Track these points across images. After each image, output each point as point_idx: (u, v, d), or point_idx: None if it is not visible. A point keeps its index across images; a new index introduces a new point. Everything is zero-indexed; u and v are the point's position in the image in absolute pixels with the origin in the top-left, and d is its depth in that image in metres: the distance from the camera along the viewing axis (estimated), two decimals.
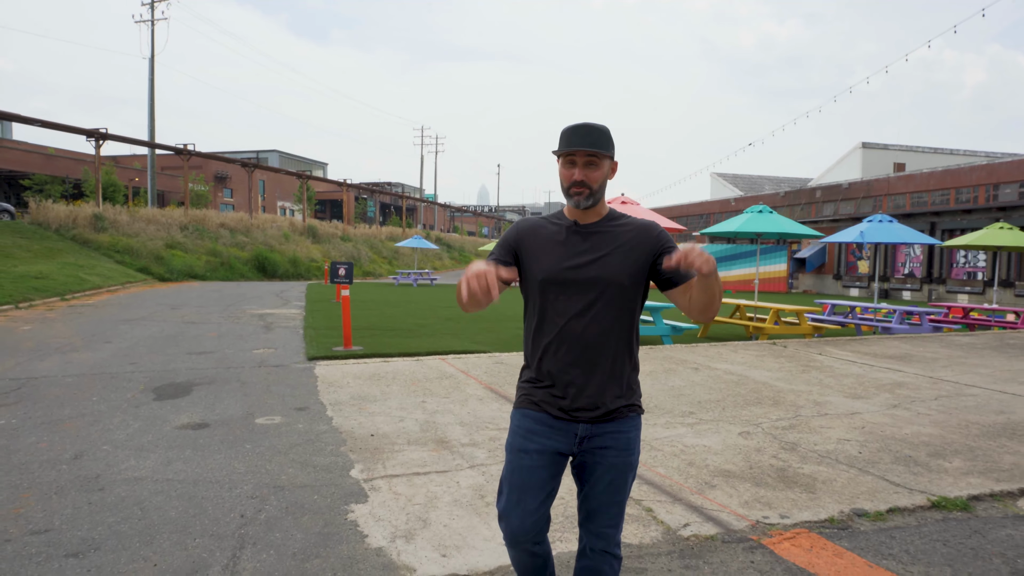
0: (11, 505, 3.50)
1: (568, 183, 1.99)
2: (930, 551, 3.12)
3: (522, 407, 2.09)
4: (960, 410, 5.87)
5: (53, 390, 6.24)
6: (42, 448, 4.49)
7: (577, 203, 1.99)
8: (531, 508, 1.99)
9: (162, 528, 3.25)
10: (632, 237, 2.02)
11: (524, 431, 2.05)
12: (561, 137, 2.00)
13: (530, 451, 2.02)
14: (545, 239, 2.06)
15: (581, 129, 1.96)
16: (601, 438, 2.01)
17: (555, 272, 2.00)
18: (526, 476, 2.01)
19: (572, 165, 1.98)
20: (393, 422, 5.28)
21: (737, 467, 4.27)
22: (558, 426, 2.02)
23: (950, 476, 4.14)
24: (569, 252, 2.01)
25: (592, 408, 2.00)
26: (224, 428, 5.05)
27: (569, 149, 1.96)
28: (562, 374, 2.00)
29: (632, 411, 2.07)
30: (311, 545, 3.09)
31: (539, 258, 2.03)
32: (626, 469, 2.05)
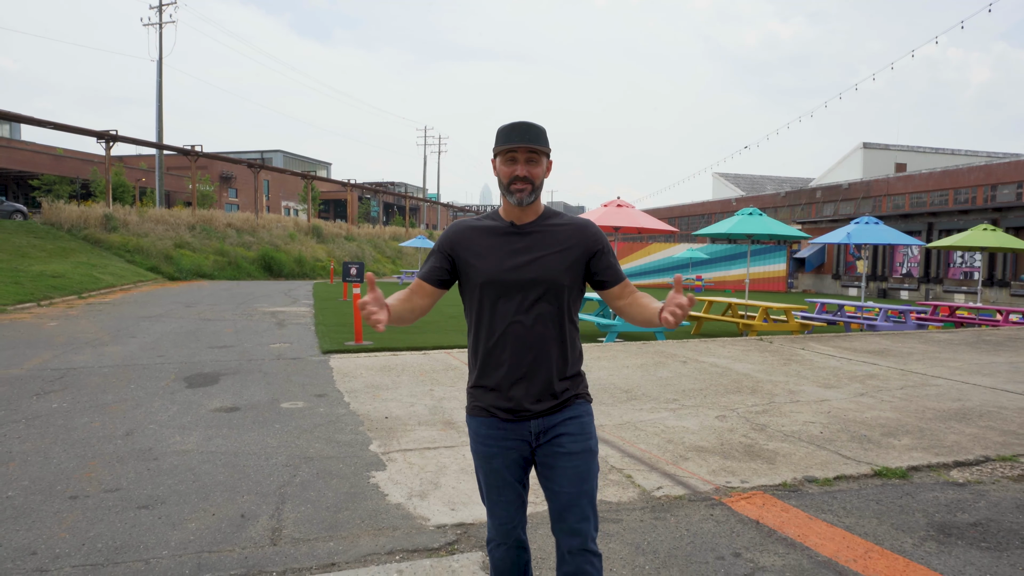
0: (82, 470, 4.09)
1: (509, 179, 2.00)
2: (863, 508, 3.69)
3: (473, 414, 2.11)
4: (921, 398, 6.44)
5: (93, 379, 6.83)
6: (96, 427, 5.07)
7: (520, 199, 2.01)
8: (509, 499, 2.09)
9: (213, 488, 3.83)
10: (568, 236, 2.06)
11: (481, 438, 2.08)
12: (499, 135, 2.03)
13: (492, 455, 2.06)
14: (482, 241, 2.06)
15: (521, 126, 2.00)
16: (555, 428, 2.05)
17: (495, 274, 2.01)
18: (497, 477, 2.08)
19: (513, 162, 2.00)
20: (404, 407, 5.86)
21: (710, 444, 4.84)
22: (510, 427, 2.05)
23: (896, 451, 4.71)
24: (508, 253, 2.02)
25: (538, 403, 2.03)
26: (254, 411, 5.63)
27: (510, 145, 1.99)
28: (507, 377, 2.02)
29: (579, 398, 2.10)
30: (341, 501, 3.67)
31: (478, 261, 2.04)
32: (587, 455, 2.05)
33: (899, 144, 56.19)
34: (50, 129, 28.77)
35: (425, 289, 2.08)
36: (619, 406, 5.91)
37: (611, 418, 5.44)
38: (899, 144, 56.19)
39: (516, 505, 2.10)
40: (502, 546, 2.12)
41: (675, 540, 3.24)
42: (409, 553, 3.08)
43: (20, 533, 3.21)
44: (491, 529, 2.14)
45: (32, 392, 6.19)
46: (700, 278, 38.10)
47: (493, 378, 2.04)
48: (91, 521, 3.35)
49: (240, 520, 3.40)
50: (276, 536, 3.22)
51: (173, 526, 3.31)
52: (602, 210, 11.17)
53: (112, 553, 3.01)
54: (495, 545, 2.13)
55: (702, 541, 3.23)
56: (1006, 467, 4.42)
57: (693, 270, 39.25)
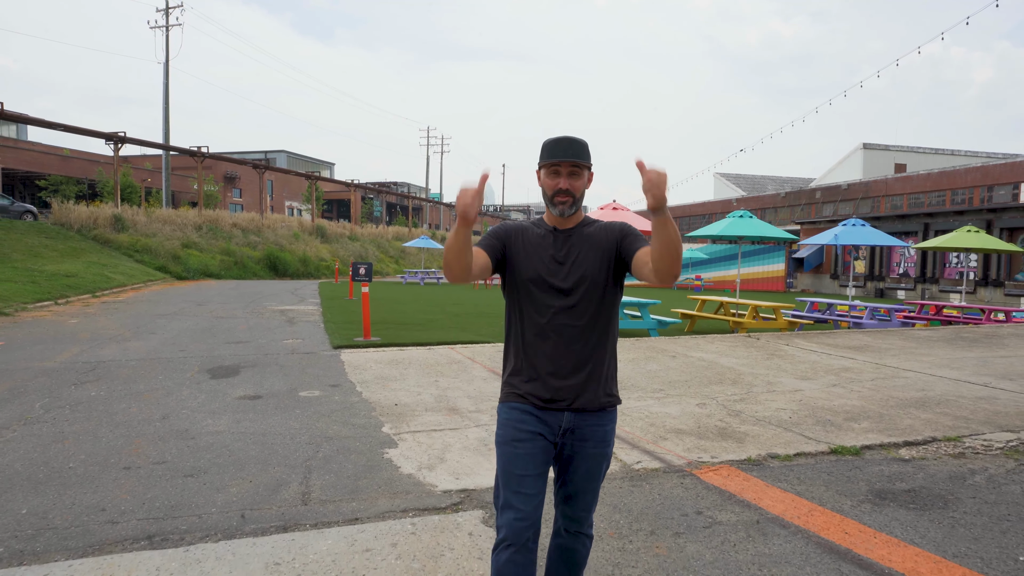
0: (130, 447, 4.64)
1: (553, 191, 2.14)
2: (815, 478, 4.23)
3: (508, 400, 2.20)
4: (888, 388, 6.97)
5: (123, 371, 7.38)
6: (134, 411, 5.62)
7: (562, 211, 2.15)
8: (531, 492, 2.09)
9: (247, 461, 4.38)
10: (602, 235, 2.18)
11: (514, 421, 2.15)
12: (544, 149, 2.14)
13: (521, 439, 2.12)
14: (530, 241, 2.18)
15: (564, 142, 2.11)
16: (582, 430, 2.15)
17: (540, 272, 2.14)
18: (521, 464, 2.11)
19: (557, 175, 2.13)
20: (412, 396, 6.40)
21: (688, 427, 5.38)
22: (543, 416, 2.14)
23: (854, 433, 5.24)
24: (552, 254, 2.15)
25: (575, 399, 2.13)
26: (275, 399, 6.18)
27: (554, 160, 2.11)
28: (546, 368, 2.12)
29: (611, 404, 2.21)
30: (360, 472, 4.22)
31: (525, 258, 2.16)
32: (601, 459, 2.20)
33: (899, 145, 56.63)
34: (60, 131, 29.35)
35: (480, 254, 2.15)
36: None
37: None
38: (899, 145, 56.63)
39: (535, 503, 2.09)
40: (510, 547, 2.07)
41: (648, 502, 3.78)
42: (420, 511, 3.62)
43: (88, 495, 3.75)
44: (502, 528, 2.10)
45: (70, 382, 6.74)
46: (699, 278, 38.63)
47: (535, 368, 2.13)
48: (146, 486, 3.90)
49: (274, 486, 3.94)
50: (306, 498, 3.77)
51: (217, 490, 3.86)
52: (599, 212, 11.72)
53: (168, 510, 3.56)
54: (503, 547, 2.08)
55: (671, 503, 3.77)
56: (949, 446, 4.95)
57: (693, 270, 39.78)
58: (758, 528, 3.44)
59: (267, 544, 3.17)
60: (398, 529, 3.38)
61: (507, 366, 2.24)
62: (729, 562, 3.06)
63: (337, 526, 3.40)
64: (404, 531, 3.35)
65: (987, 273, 32.92)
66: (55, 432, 4.98)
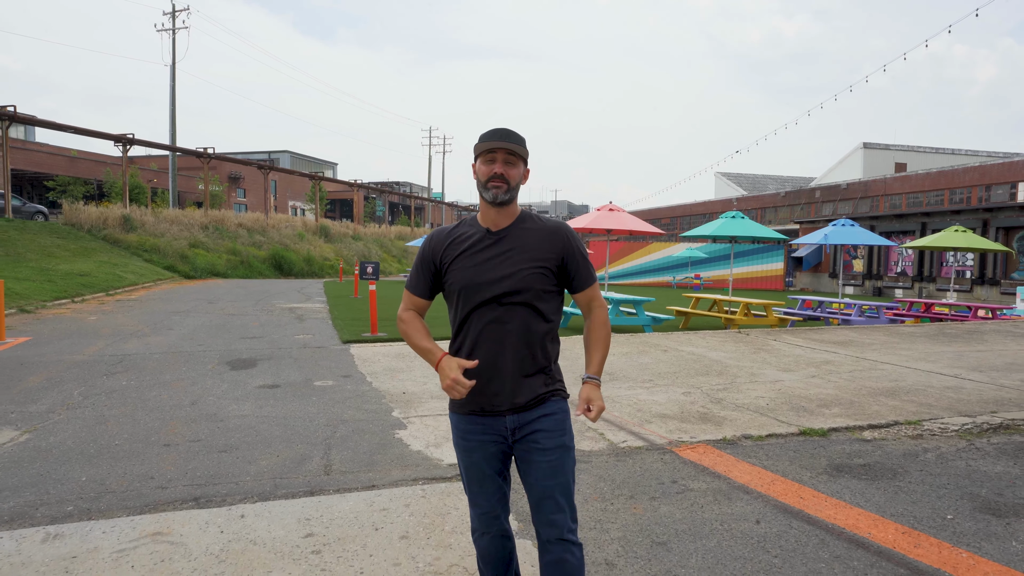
0: (166, 428, 5.15)
1: (487, 177, 2.13)
2: (781, 455, 4.72)
3: (453, 411, 2.24)
4: (863, 379, 7.45)
5: (148, 363, 7.89)
6: (165, 398, 6.13)
7: (495, 196, 2.12)
8: (491, 490, 2.22)
9: (272, 440, 4.88)
10: (541, 240, 2.17)
11: (461, 432, 2.21)
12: (481, 139, 2.16)
13: (471, 449, 2.19)
14: (461, 248, 2.17)
15: (500, 131, 2.14)
16: (530, 424, 2.15)
17: (472, 280, 2.12)
18: (476, 470, 2.20)
19: (492, 162, 2.13)
20: (418, 385, 6.90)
21: (672, 412, 5.87)
22: (487, 423, 2.16)
23: (824, 417, 5.73)
24: (485, 260, 2.14)
25: (514, 399, 2.14)
26: (292, 388, 6.68)
27: (490, 144, 2.12)
28: (482, 375, 2.12)
29: (555, 395, 2.20)
30: (374, 448, 4.72)
31: (457, 268, 2.16)
32: (562, 452, 2.15)
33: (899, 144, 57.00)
34: (71, 133, 29.89)
35: (422, 305, 2.30)
36: (602, 385, 6.93)
37: None
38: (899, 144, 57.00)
39: (497, 497, 2.22)
40: (486, 535, 2.24)
41: (629, 473, 4.28)
42: (429, 480, 4.12)
43: (136, 466, 4.26)
44: (474, 519, 2.24)
45: (101, 373, 7.25)
46: (698, 276, 39.10)
47: (471, 378, 2.11)
48: (186, 459, 4.41)
49: (298, 459, 4.44)
50: (328, 469, 4.27)
51: (249, 463, 4.36)
52: (595, 214, 12.21)
53: (209, 478, 4.06)
54: (480, 535, 2.25)
55: (650, 474, 4.27)
56: (909, 429, 5.44)
57: (692, 268, 40.25)
58: (724, 494, 3.93)
59: (298, 504, 3.68)
60: (410, 494, 3.88)
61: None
62: (696, 519, 3.55)
63: (357, 491, 3.90)
64: (415, 495, 3.85)
65: (983, 272, 33.33)
66: (97, 415, 5.49)
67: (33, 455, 4.46)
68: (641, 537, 3.31)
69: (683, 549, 3.18)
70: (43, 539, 3.20)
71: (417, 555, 3.09)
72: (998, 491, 4.03)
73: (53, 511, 3.54)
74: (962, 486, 4.12)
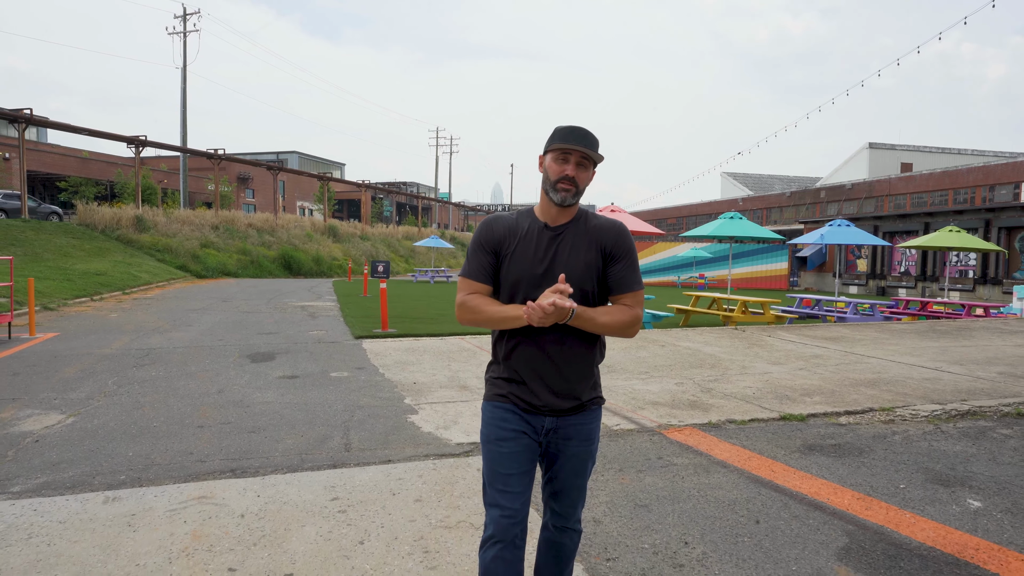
0: (197, 412, 5.63)
1: (558, 177, 2.07)
2: (760, 436, 5.16)
3: (492, 400, 2.19)
4: (848, 371, 7.87)
5: (173, 356, 8.38)
6: (193, 387, 6.61)
7: (563, 199, 2.07)
8: (517, 491, 2.11)
9: (296, 422, 5.35)
10: (594, 237, 2.13)
11: (498, 420, 2.16)
12: (555, 133, 2.09)
13: (505, 438, 2.13)
14: (519, 239, 2.13)
15: (579, 131, 2.06)
16: (565, 430, 2.15)
17: (528, 273, 2.09)
18: (506, 463, 2.12)
19: (565, 162, 2.07)
20: (428, 376, 7.36)
21: (664, 400, 6.32)
22: (528, 418, 2.15)
23: (805, 404, 6.17)
24: (541, 253, 2.10)
25: (558, 403, 2.13)
26: (310, 378, 7.16)
27: (566, 145, 2.05)
28: (531, 372, 2.11)
29: (595, 404, 2.22)
30: (389, 430, 5.18)
31: (514, 258, 2.11)
32: (586, 457, 2.21)
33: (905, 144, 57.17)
34: (85, 135, 30.51)
35: (484, 290, 2.17)
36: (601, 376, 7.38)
37: None
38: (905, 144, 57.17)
39: (521, 498, 2.11)
40: (497, 544, 2.09)
41: (620, 450, 4.73)
42: (439, 456, 4.58)
43: (175, 444, 4.74)
44: (489, 525, 2.12)
45: (130, 365, 7.74)
46: (703, 276, 39.48)
47: (519, 372, 2.12)
48: (219, 438, 4.88)
49: (321, 439, 4.91)
50: (348, 447, 4.74)
51: (276, 441, 4.83)
52: None
53: (242, 454, 4.53)
54: (491, 544, 2.10)
55: (638, 451, 4.72)
56: (883, 415, 5.87)
57: (697, 268, 40.64)
58: (704, 468, 4.38)
59: (323, 475, 4.14)
60: (422, 467, 4.34)
61: (492, 364, 2.25)
62: (676, 487, 4.00)
63: (375, 465, 4.37)
64: (427, 468, 4.31)
65: (985, 271, 33.59)
66: (133, 402, 5.97)
67: (81, 435, 4.94)
68: (626, 501, 3.76)
69: (662, 510, 3.63)
70: (104, 501, 3.67)
71: (430, 514, 3.55)
72: (951, 466, 4.47)
73: (108, 479, 4.02)
74: (920, 462, 4.55)
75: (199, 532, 3.27)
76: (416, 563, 2.99)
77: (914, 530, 3.40)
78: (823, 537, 3.31)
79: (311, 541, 3.19)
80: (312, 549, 3.11)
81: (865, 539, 3.30)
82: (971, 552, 3.16)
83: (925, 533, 3.37)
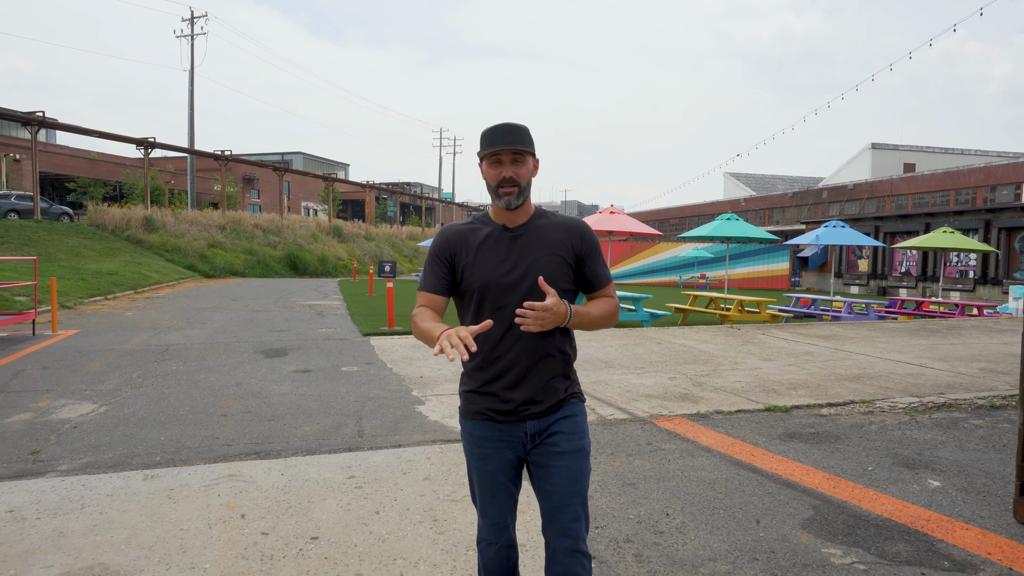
0: (219, 402, 6.03)
1: (496, 181, 2.02)
2: (745, 425, 5.53)
3: (469, 418, 2.15)
4: (835, 367, 8.23)
5: (191, 352, 8.79)
6: (212, 380, 7.01)
7: (508, 203, 2.03)
8: (503, 500, 2.15)
9: (311, 411, 5.75)
10: (560, 237, 2.09)
11: (476, 439, 2.13)
12: (483, 138, 2.03)
13: (486, 456, 2.11)
14: (477, 246, 2.08)
15: (503, 129, 2.00)
16: (549, 428, 2.09)
17: (492, 279, 2.04)
18: (491, 479, 2.13)
19: (499, 164, 2.02)
20: (433, 371, 7.75)
21: (656, 392, 6.69)
22: (508, 429, 2.08)
23: (789, 397, 6.53)
24: (503, 257, 2.06)
25: (535, 403, 2.07)
26: (322, 372, 7.55)
27: (494, 148, 2.00)
28: (504, 381, 2.05)
29: (574, 397, 2.15)
30: (398, 419, 5.57)
31: (474, 266, 2.06)
32: (580, 455, 2.10)
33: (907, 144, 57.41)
34: (95, 137, 31.00)
35: (440, 302, 2.11)
36: (598, 371, 7.77)
37: (589, 378, 7.29)
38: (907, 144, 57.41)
39: (508, 506, 2.16)
40: (493, 545, 2.18)
41: (613, 437, 5.11)
42: (445, 442, 4.96)
43: (202, 430, 5.13)
44: (482, 529, 2.19)
45: (151, 360, 8.15)
46: (704, 276, 39.83)
47: (490, 383, 2.07)
48: (243, 425, 5.28)
49: (335, 426, 5.30)
50: (361, 433, 5.13)
51: (295, 428, 5.23)
52: (596, 216, 13.03)
53: (264, 439, 4.93)
54: (486, 544, 2.19)
55: (629, 438, 5.09)
56: (863, 407, 6.23)
57: (698, 268, 40.99)
58: (689, 452, 4.76)
59: (339, 457, 4.53)
60: (430, 451, 4.72)
61: (464, 379, 2.18)
62: (662, 468, 4.38)
63: (386, 448, 4.75)
64: (434, 451, 4.70)
65: (985, 272, 33.86)
66: (158, 393, 6.38)
67: (115, 422, 5.34)
68: (615, 479, 4.14)
69: (647, 487, 4.01)
70: (143, 478, 4.07)
71: (438, 490, 3.94)
72: (919, 452, 4.84)
73: (145, 460, 4.41)
74: (891, 448, 4.92)
75: (232, 504, 3.67)
76: (427, 529, 3.38)
77: (874, 505, 3.77)
78: (791, 510, 3.69)
79: (332, 511, 3.58)
80: (334, 518, 3.50)
81: (829, 511, 3.67)
82: (922, 522, 3.53)
83: (884, 507, 3.74)
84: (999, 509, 3.73)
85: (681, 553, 3.17)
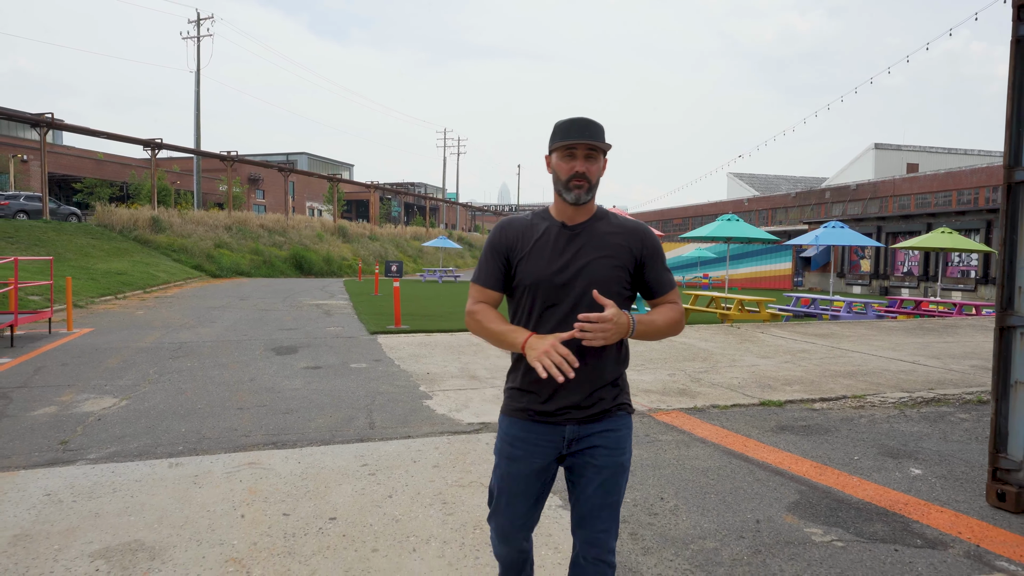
0: (235, 397, 6.28)
1: (568, 175, 1.98)
2: (739, 418, 5.76)
3: (508, 415, 2.11)
4: (830, 364, 8.45)
5: (204, 349, 9.05)
6: (227, 376, 7.27)
7: (577, 197, 1.98)
8: (520, 512, 2.08)
9: (324, 405, 6.00)
10: (619, 240, 2.04)
11: (511, 438, 2.08)
12: (557, 130, 2.00)
13: (517, 458, 2.05)
14: (534, 241, 2.04)
15: (580, 122, 1.96)
16: (590, 438, 2.02)
17: (545, 276, 1.99)
18: (515, 483, 2.07)
19: (572, 158, 1.98)
20: (440, 367, 7.99)
21: (655, 388, 6.93)
22: (544, 431, 2.03)
23: (784, 392, 6.76)
24: (558, 255, 2.01)
25: (579, 408, 2.00)
26: (332, 369, 7.80)
27: (570, 141, 1.96)
28: (550, 381, 1.96)
29: (622, 409, 2.07)
30: (407, 412, 5.82)
31: (529, 261, 2.02)
32: (617, 470, 2.03)
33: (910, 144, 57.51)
34: (103, 138, 31.33)
35: (495, 298, 2.12)
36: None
37: None
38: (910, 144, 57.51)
39: (522, 521, 2.10)
40: (504, 546, 2.17)
41: None
42: (452, 433, 5.20)
43: (220, 422, 5.38)
44: (495, 528, 2.17)
45: (166, 357, 8.41)
46: (707, 276, 40.03)
47: (536, 380, 2.01)
48: (259, 418, 5.53)
49: (347, 419, 5.55)
50: (371, 425, 5.37)
51: (308, 421, 5.48)
52: None
53: (280, 431, 5.18)
54: (499, 540, 2.18)
55: None
56: (854, 401, 6.46)
57: (701, 268, 41.20)
58: (684, 443, 4.99)
59: (352, 447, 4.78)
60: (438, 441, 4.97)
61: (510, 376, 2.15)
62: (658, 457, 4.62)
63: (396, 439, 5.00)
64: (442, 442, 4.94)
65: (987, 272, 33.99)
66: (175, 388, 6.63)
67: (137, 415, 5.59)
68: None
69: (644, 474, 4.25)
70: (168, 466, 4.32)
71: (446, 476, 4.18)
72: (904, 443, 5.07)
73: (168, 449, 4.66)
74: (877, 440, 5.15)
75: (254, 488, 3.92)
76: (436, 511, 3.63)
77: (857, 490, 4.00)
78: (778, 495, 3.92)
79: (348, 495, 3.83)
80: (349, 501, 3.75)
81: (814, 496, 3.91)
82: (900, 506, 3.76)
83: (866, 492, 3.97)
84: (974, 494, 3.96)
85: (673, 532, 3.41)
